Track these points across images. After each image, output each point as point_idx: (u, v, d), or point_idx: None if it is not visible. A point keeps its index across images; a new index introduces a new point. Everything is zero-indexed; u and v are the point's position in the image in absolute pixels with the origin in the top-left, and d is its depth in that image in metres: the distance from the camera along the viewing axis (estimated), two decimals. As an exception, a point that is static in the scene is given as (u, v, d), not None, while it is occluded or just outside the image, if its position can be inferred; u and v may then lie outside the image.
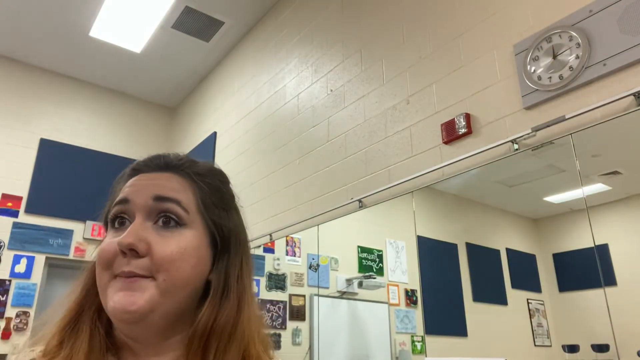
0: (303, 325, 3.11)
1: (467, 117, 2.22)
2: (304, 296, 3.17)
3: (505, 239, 2.11)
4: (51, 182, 4.57)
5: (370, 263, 2.71)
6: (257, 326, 0.61)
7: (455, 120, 2.26)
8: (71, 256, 4.47)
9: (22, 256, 4.27)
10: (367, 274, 2.70)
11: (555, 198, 1.97)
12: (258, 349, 0.60)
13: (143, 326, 0.56)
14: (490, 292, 2.09)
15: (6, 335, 4.00)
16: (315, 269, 3.04)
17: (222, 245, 0.63)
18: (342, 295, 2.85)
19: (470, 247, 2.21)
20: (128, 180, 0.63)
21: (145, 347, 0.58)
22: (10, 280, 4.15)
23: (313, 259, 3.06)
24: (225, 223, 0.64)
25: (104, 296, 0.56)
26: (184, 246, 0.58)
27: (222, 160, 4.31)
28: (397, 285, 2.54)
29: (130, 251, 0.55)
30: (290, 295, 3.22)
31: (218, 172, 0.67)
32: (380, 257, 2.69)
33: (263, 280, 3.39)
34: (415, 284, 2.33)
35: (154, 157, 0.65)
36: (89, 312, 0.59)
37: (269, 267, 3.38)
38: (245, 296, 0.61)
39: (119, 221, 0.60)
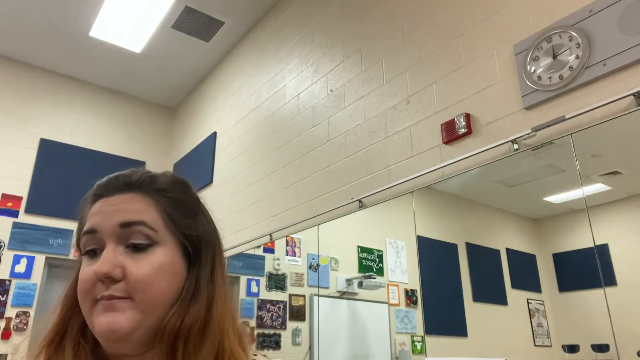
0: (303, 325, 3.11)
1: (467, 117, 2.22)
2: (304, 296, 3.17)
3: (505, 239, 2.11)
4: (51, 182, 4.58)
5: (370, 263, 2.71)
6: (231, 321, 0.63)
7: (455, 120, 2.26)
8: (71, 256, 4.47)
9: (22, 256, 4.27)
10: (367, 274, 2.70)
11: (555, 198, 1.97)
12: (232, 343, 0.61)
13: (128, 343, 0.58)
14: (490, 292, 2.09)
15: (6, 335, 4.00)
16: (315, 269, 3.04)
17: (194, 253, 0.64)
18: (342, 295, 2.85)
19: (470, 247, 2.21)
20: (92, 205, 0.64)
21: (132, 357, 0.60)
22: (10, 280, 4.15)
23: (313, 259, 3.06)
24: (195, 232, 0.65)
25: (90, 321, 0.59)
26: (157, 265, 0.60)
27: (222, 160, 4.31)
28: (397, 285, 2.54)
29: (107, 278, 0.57)
30: (290, 295, 3.22)
31: (179, 182, 0.68)
32: (380, 257, 2.69)
33: (263, 280, 3.39)
34: (415, 284, 2.33)
35: (112, 178, 0.65)
36: (72, 330, 0.62)
37: (269, 267, 3.38)
38: (217, 294, 0.63)
39: (90, 249, 0.61)
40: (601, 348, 1.60)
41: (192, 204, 0.68)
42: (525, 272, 1.96)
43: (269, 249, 3.40)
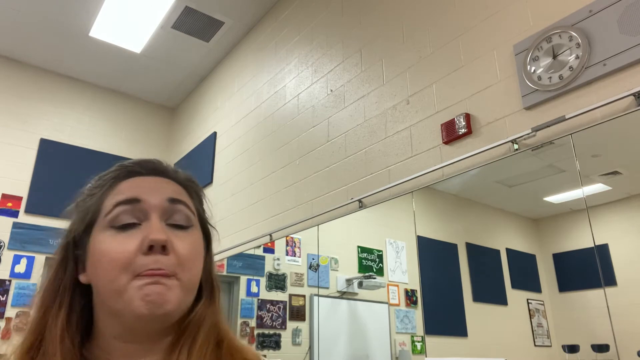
0: (303, 325, 3.11)
1: (467, 117, 2.21)
2: (304, 296, 3.17)
3: (505, 239, 2.11)
4: (51, 182, 4.57)
5: (370, 263, 2.71)
6: (223, 315, 0.66)
7: (455, 120, 2.26)
8: (71, 256, 4.46)
9: (22, 256, 4.27)
10: (367, 274, 2.69)
11: (555, 198, 1.97)
12: (226, 331, 0.64)
13: (163, 322, 0.57)
14: (490, 292, 2.09)
15: (6, 335, 4.00)
16: (315, 269, 3.04)
17: (207, 246, 0.66)
18: (342, 295, 2.85)
19: (470, 247, 2.21)
20: (119, 182, 0.62)
21: (137, 348, 0.58)
22: (10, 280, 4.15)
23: (313, 259, 3.06)
24: (209, 226, 0.68)
25: (124, 297, 0.54)
26: (196, 246, 0.61)
27: (222, 160, 4.31)
28: (397, 285, 2.54)
29: (161, 247, 0.56)
30: (290, 295, 3.22)
31: (195, 180, 0.71)
32: (380, 257, 2.69)
33: (263, 280, 3.39)
34: (415, 284, 2.33)
35: (146, 161, 0.66)
36: (54, 332, 0.57)
37: (269, 267, 3.38)
38: (219, 294, 0.66)
39: (124, 222, 0.58)
40: (601, 348, 1.60)
41: (204, 203, 0.71)
42: (525, 272, 1.96)
43: (269, 249, 3.40)
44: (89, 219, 0.60)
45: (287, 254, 3.27)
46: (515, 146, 1.97)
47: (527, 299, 1.91)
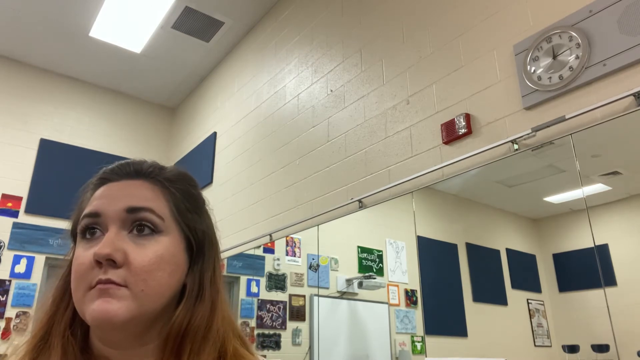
0: (303, 326, 3.11)
1: (467, 117, 2.22)
2: (304, 296, 3.17)
3: (505, 239, 2.11)
4: (51, 182, 4.57)
5: (370, 263, 2.71)
6: (231, 325, 0.63)
7: (455, 120, 2.26)
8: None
9: (22, 256, 4.27)
10: (367, 274, 2.69)
11: (555, 198, 1.97)
12: (235, 345, 0.61)
13: (122, 332, 0.56)
14: (490, 292, 2.09)
15: (6, 335, 4.00)
16: (315, 269, 3.04)
17: (197, 249, 0.63)
18: (342, 295, 2.85)
19: (470, 247, 2.21)
20: (96, 190, 0.62)
21: (123, 353, 0.58)
22: (10, 281, 4.15)
23: (313, 259, 3.06)
24: (200, 227, 0.64)
25: (82, 308, 0.55)
26: (161, 254, 0.58)
27: (222, 160, 4.31)
28: (397, 286, 2.54)
29: (107, 261, 0.55)
30: (290, 296, 3.22)
31: (188, 177, 0.68)
32: (380, 257, 2.69)
33: (263, 281, 3.39)
34: (415, 284, 2.33)
35: (123, 164, 0.65)
36: (59, 327, 0.59)
37: (269, 267, 3.38)
38: (219, 298, 0.63)
39: (90, 232, 0.59)
40: (601, 348, 1.60)
41: (199, 200, 0.67)
42: (525, 272, 1.96)
43: (269, 249, 3.40)
44: (73, 227, 0.63)
45: (287, 254, 3.27)
46: (515, 146, 1.97)
47: (527, 299, 1.91)
